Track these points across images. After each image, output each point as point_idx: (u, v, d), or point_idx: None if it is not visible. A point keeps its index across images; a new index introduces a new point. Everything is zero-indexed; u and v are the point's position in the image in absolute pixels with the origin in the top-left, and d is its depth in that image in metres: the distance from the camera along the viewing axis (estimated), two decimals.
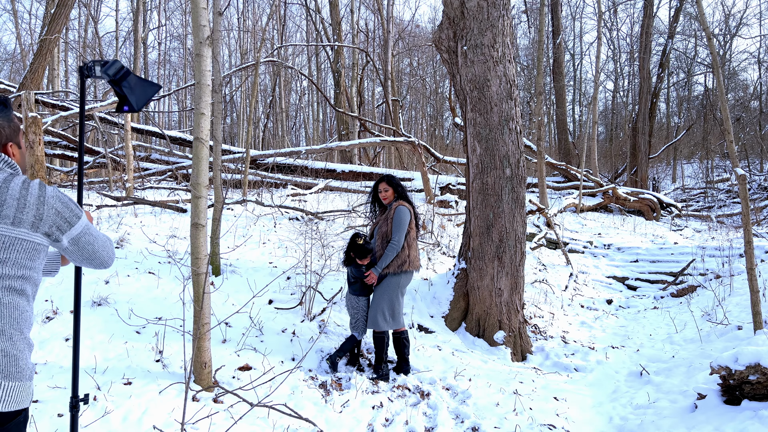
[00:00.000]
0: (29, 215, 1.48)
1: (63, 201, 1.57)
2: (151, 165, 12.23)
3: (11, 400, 1.42)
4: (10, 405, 1.42)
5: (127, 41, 23.68)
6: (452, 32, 5.51)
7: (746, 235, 4.82)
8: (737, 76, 29.76)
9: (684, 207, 17.69)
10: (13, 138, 1.61)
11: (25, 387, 1.47)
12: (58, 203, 1.55)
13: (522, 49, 29.65)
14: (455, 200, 11.16)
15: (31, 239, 1.50)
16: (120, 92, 2.01)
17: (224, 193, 6.28)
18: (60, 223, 1.56)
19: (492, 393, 3.97)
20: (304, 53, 28.57)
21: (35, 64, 8.09)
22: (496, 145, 5.29)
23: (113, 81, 1.98)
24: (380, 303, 4.10)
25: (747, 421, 3.13)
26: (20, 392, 1.45)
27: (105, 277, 4.77)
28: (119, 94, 2.02)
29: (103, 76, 1.96)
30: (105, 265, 1.73)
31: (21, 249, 1.48)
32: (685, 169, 28.86)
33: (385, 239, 4.18)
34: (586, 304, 7.40)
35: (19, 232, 1.47)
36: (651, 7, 18.80)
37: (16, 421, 1.47)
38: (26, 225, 1.48)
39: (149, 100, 2.10)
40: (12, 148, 1.60)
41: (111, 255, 1.75)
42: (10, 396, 1.42)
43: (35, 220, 1.49)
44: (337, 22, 19.00)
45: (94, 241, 1.68)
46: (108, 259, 1.73)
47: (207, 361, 3.37)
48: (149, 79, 4.44)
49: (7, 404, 1.41)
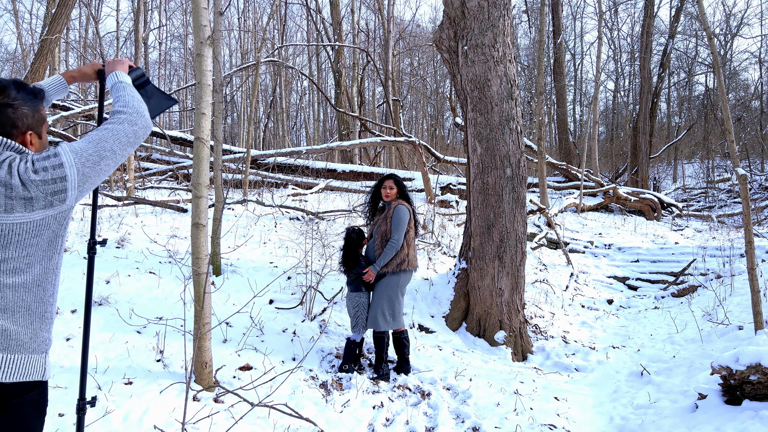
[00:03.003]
0: (16, 200, 1.46)
1: (43, 168, 1.51)
2: (151, 165, 12.24)
3: (11, 372, 1.45)
4: (12, 376, 1.45)
5: (128, 41, 23.67)
6: (453, 32, 5.50)
7: (747, 235, 4.82)
8: (738, 76, 29.75)
9: (685, 207, 17.68)
10: (36, 128, 1.62)
11: (32, 360, 1.50)
12: (36, 176, 1.49)
13: (523, 48, 29.65)
14: (456, 200, 11.15)
15: (32, 218, 1.49)
16: None
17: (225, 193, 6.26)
18: (56, 190, 1.52)
19: (493, 393, 3.97)
20: (304, 53, 28.58)
21: (36, 64, 8.08)
22: (496, 145, 5.29)
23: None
24: (380, 303, 4.10)
25: (748, 421, 3.12)
26: (26, 365, 1.48)
27: (106, 277, 4.78)
28: None
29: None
30: (139, 135, 1.67)
31: (21, 231, 1.48)
32: (686, 169, 28.83)
33: (384, 238, 4.17)
34: (586, 304, 7.39)
35: (14, 217, 1.47)
36: (652, 6, 18.78)
37: (31, 397, 1.50)
38: (18, 209, 1.47)
39: (162, 112, 2.09)
40: (32, 137, 1.61)
41: (133, 131, 1.66)
42: (9, 368, 1.45)
43: (25, 202, 1.47)
44: (338, 21, 19.00)
45: (105, 143, 1.60)
46: (132, 133, 1.65)
47: (208, 360, 3.38)
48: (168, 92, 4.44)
49: (7, 375, 1.44)
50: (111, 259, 5.26)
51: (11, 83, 1.57)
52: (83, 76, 2.03)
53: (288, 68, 23.94)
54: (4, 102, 1.54)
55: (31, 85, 1.64)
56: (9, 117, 1.54)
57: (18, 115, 1.56)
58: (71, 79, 2.02)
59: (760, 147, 24.97)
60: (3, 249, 1.47)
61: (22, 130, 1.58)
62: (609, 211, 15.05)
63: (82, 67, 2.01)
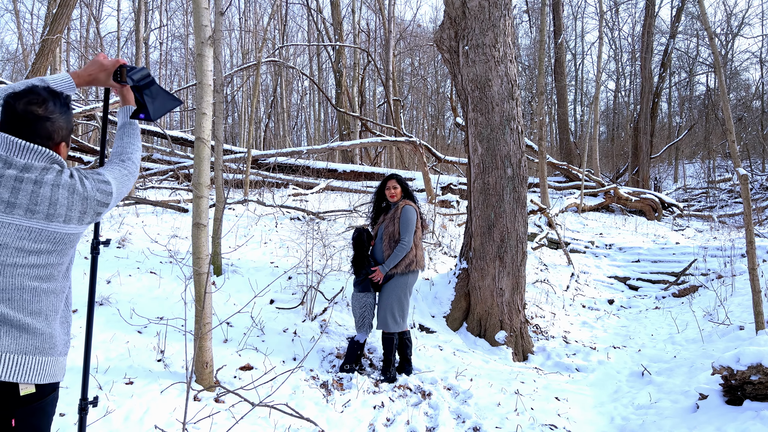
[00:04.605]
0: (75, 212, 1.59)
1: (101, 189, 1.67)
2: (152, 165, 12.23)
3: (46, 374, 1.53)
4: (46, 378, 1.52)
5: (129, 41, 23.69)
6: (454, 32, 5.50)
7: (748, 235, 4.81)
8: (739, 76, 29.72)
9: (686, 207, 17.66)
10: (67, 139, 1.70)
11: (59, 362, 1.59)
12: (99, 194, 1.66)
13: (523, 48, 29.63)
14: (456, 200, 11.15)
15: (78, 231, 1.62)
16: (140, 99, 2.00)
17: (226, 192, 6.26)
18: (100, 210, 1.67)
19: (493, 393, 3.97)
20: (305, 53, 28.58)
21: (37, 65, 8.08)
22: (497, 144, 5.29)
23: (136, 87, 1.98)
24: (390, 304, 4.09)
25: (749, 421, 3.12)
26: (55, 367, 1.56)
27: (107, 277, 4.78)
28: (138, 101, 2.01)
29: (128, 81, 1.96)
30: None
31: (69, 241, 1.60)
32: (687, 169, 28.80)
33: (392, 239, 4.14)
34: (587, 304, 7.39)
35: (69, 228, 1.58)
36: (653, 6, 18.77)
37: (53, 397, 1.58)
38: (74, 221, 1.59)
39: (167, 112, 2.10)
40: (64, 148, 1.69)
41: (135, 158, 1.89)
42: (45, 370, 1.53)
43: (81, 215, 1.60)
44: (339, 22, 18.99)
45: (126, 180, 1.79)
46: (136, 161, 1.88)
47: (208, 360, 3.38)
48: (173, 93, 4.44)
49: (42, 377, 1.51)
50: (112, 259, 5.26)
51: (49, 95, 1.61)
52: (95, 81, 1.97)
53: (289, 68, 23.95)
54: (44, 115, 1.59)
55: (63, 94, 1.67)
56: (47, 130, 1.60)
57: (55, 128, 1.62)
58: (85, 84, 1.97)
59: (761, 147, 24.96)
60: (48, 255, 1.54)
61: (57, 142, 1.64)
62: (610, 211, 15.04)
63: (94, 72, 1.93)
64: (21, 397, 1.46)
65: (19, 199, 1.49)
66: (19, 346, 1.46)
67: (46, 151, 1.58)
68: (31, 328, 1.50)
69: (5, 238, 1.48)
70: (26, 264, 1.50)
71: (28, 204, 1.49)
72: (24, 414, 1.47)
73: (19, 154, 1.54)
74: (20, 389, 1.46)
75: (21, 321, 1.48)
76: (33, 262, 1.51)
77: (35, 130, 1.57)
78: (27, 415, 1.48)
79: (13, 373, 1.43)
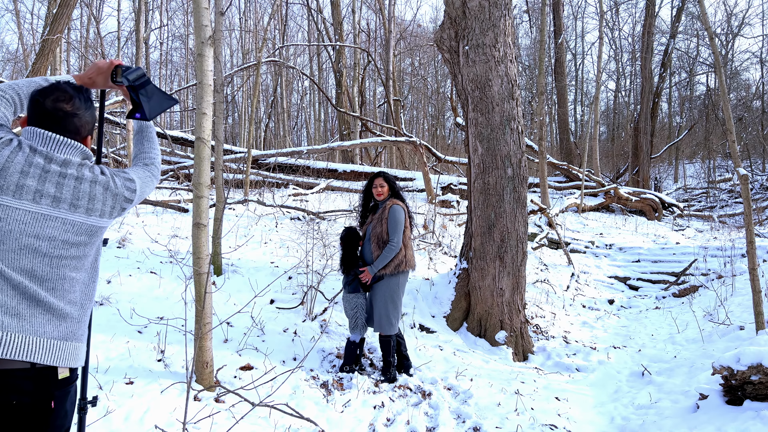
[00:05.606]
0: (108, 207, 1.69)
1: (128, 187, 1.75)
2: None
3: (78, 358, 1.63)
4: (77, 362, 1.63)
5: (129, 41, 23.68)
6: (454, 32, 5.50)
7: (748, 235, 4.81)
8: (739, 76, 29.71)
9: (686, 207, 17.66)
10: (92, 132, 1.78)
11: (83, 348, 1.69)
12: (126, 191, 1.75)
13: (524, 48, 29.63)
14: (457, 200, 11.15)
15: (108, 225, 1.72)
16: (136, 99, 2.01)
17: (226, 192, 6.25)
18: (125, 206, 1.77)
19: (493, 393, 3.97)
20: (305, 53, 28.57)
21: (37, 65, 8.08)
22: (497, 144, 5.29)
23: (131, 87, 1.98)
24: (385, 306, 4.04)
25: (749, 421, 3.12)
26: (82, 352, 1.67)
27: (107, 277, 4.78)
28: (134, 100, 2.01)
29: (123, 81, 1.97)
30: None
31: (100, 233, 1.70)
32: (687, 169, 28.79)
33: (380, 239, 4.04)
34: (587, 304, 7.39)
35: (103, 222, 1.68)
36: (653, 6, 18.77)
37: (77, 382, 1.69)
38: (106, 215, 1.69)
39: (163, 112, 2.10)
40: (89, 141, 1.76)
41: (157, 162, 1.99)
42: (78, 355, 1.63)
43: (111, 210, 1.70)
44: (339, 22, 18.99)
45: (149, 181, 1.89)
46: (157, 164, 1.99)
47: (208, 360, 3.38)
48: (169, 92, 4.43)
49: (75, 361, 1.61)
50: (112, 259, 5.27)
51: (75, 92, 1.67)
52: (95, 84, 1.99)
53: (289, 68, 23.95)
54: (71, 111, 1.65)
55: (86, 90, 1.74)
56: (75, 125, 1.67)
57: (82, 123, 1.69)
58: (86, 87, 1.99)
59: (761, 147, 24.95)
60: (84, 247, 1.65)
61: (84, 136, 1.71)
62: (610, 211, 15.04)
63: (93, 75, 1.95)
64: (59, 381, 1.55)
65: (63, 194, 1.58)
66: (60, 333, 1.56)
67: (79, 146, 1.66)
68: (68, 315, 1.60)
69: (53, 232, 1.57)
70: (69, 255, 1.60)
71: (72, 199, 1.60)
72: (61, 396, 1.56)
73: (58, 150, 1.62)
74: (59, 373, 1.55)
75: (62, 309, 1.58)
76: (73, 254, 1.62)
77: (64, 126, 1.64)
78: (62, 397, 1.57)
79: (55, 357, 1.54)
